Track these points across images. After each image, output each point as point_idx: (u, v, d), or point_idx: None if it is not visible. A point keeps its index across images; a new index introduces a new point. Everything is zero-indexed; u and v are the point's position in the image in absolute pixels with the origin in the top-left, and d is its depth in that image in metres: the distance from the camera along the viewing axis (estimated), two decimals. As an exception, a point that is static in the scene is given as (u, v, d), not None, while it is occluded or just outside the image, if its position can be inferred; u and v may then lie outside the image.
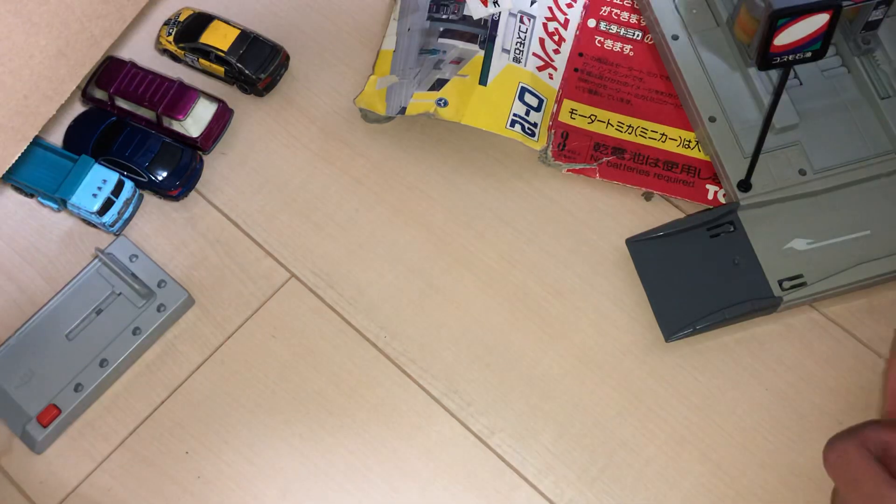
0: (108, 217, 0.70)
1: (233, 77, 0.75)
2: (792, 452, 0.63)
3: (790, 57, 0.56)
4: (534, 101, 0.72)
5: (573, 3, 0.76)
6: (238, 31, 0.75)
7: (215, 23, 0.76)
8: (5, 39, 0.59)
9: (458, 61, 0.72)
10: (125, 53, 0.77)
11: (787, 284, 0.64)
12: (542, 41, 0.74)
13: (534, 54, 0.73)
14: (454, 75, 0.71)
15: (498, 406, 0.65)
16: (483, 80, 0.71)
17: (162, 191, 0.71)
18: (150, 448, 0.65)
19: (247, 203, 0.72)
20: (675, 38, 0.72)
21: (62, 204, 0.71)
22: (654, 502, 0.62)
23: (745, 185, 0.66)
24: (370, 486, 0.63)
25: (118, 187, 0.70)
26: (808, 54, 0.56)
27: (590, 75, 0.74)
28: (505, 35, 0.73)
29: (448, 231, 0.70)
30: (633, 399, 0.65)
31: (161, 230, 0.72)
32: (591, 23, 0.76)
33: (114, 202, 0.70)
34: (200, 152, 0.74)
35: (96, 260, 0.69)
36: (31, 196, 0.73)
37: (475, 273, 0.69)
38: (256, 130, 0.75)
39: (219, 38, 0.75)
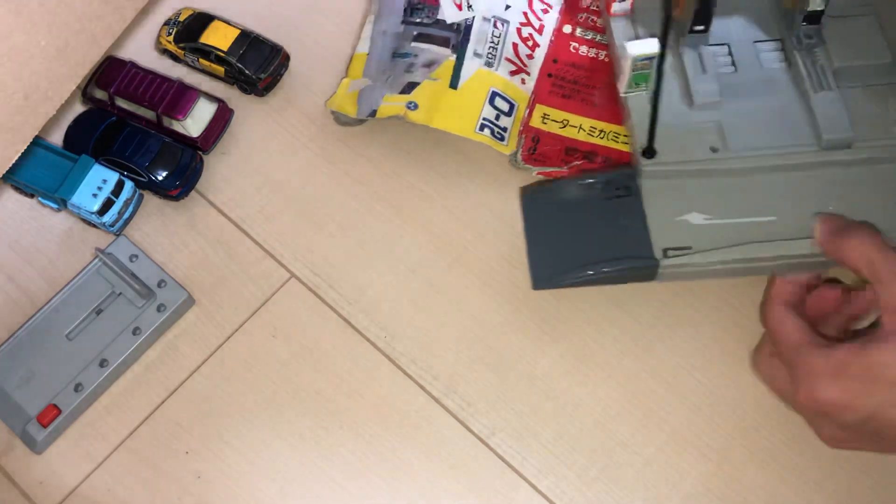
0: (109, 217, 0.70)
1: (233, 77, 0.75)
2: (792, 452, 0.63)
3: None
4: (504, 106, 0.71)
5: (549, 9, 0.75)
6: (238, 31, 0.75)
7: (215, 23, 0.76)
8: (5, 39, 0.59)
9: (430, 65, 0.72)
10: (125, 53, 0.77)
11: (671, 253, 0.62)
12: (515, 46, 0.73)
13: (506, 59, 0.73)
14: (425, 79, 0.71)
15: (498, 406, 0.65)
16: (454, 84, 0.71)
17: (162, 191, 0.71)
18: (150, 448, 0.65)
19: (247, 203, 0.72)
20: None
21: (62, 204, 0.71)
22: (654, 502, 0.62)
23: (648, 152, 0.65)
24: (370, 486, 0.63)
25: (118, 187, 0.70)
26: None
27: (564, 80, 0.73)
28: (478, 39, 0.72)
29: (448, 231, 0.70)
30: (633, 399, 0.65)
31: (161, 230, 0.72)
32: (567, 28, 0.75)
33: (114, 202, 0.70)
34: (200, 152, 0.74)
35: (96, 260, 0.69)
36: (31, 196, 0.73)
37: (475, 273, 0.69)
38: (256, 130, 0.75)
39: (219, 38, 0.75)
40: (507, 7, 0.74)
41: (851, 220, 0.59)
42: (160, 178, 0.71)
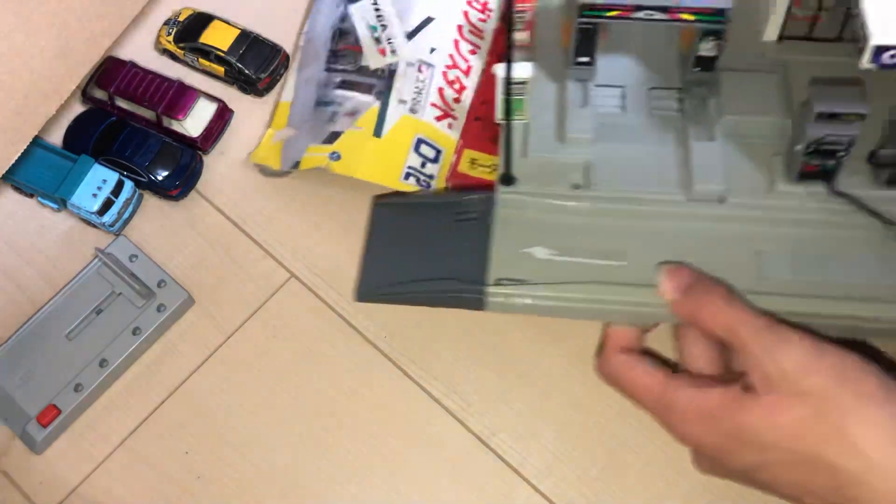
0: (108, 217, 0.70)
1: (233, 77, 0.75)
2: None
3: None
4: (430, 153, 0.70)
5: (476, 49, 0.74)
6: (238, 31, 0.75)
7: (215, 23, 0.76)
8: (5, 39, 0.59)
9: (353, 113, 0.70)
10: (125, 53, 0.77)
11: (504, 283, 0.60)
12: (441, 90, 0.72)
13: (432, 104, 0.71)
14: (348, 128, 0.69)
15: (498, 406, 0.65)
16: (378, 132, 0.69)
17: (162, 191, 0.71)
18: (150, 448, 0.65)
19: (247, 203, 0.72)
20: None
21: (62, 204, 0.71)
22: (653, 502, 0.62)
23: (506, 179, 0.63)
24: (370, 486, 0.63)
25: (118, 187, 0.70)
26: None
27: (493, 123, 0.69)
28: (402, 85, 0.71)
29: (448, 231, 0.70)
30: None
31: (161, 230, 0.72)
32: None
33: (114, 202, 0.70)
34: (200, 152, 0.74)
35: (96, 260, 0.69)
36: (31, 196, 0.73)
37: (475, 273, 0.69)
38: (256, 130, 0.75)
39: (219, 38, 0.75)
40: (433, 50, 0.73)
41: (700, 276, 0.56)
42: (160, 178, 0.71)
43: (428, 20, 0.74)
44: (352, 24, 0.73)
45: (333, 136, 0.69)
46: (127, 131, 0.73)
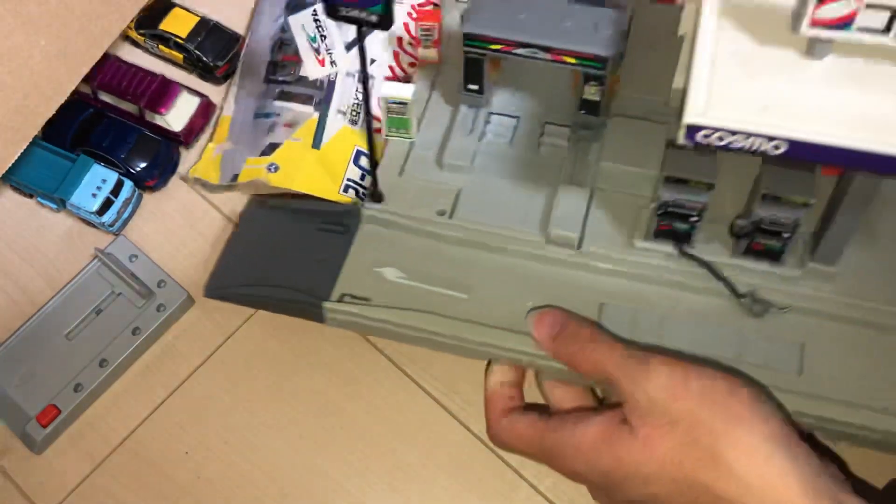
0: (108, 217, 0.70)
1: (191, 64, 0.76)
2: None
3: (355, 13, 0.50)
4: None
5: (416, 62, 0.72)
6: (198, 19, 0.76)
7: (175, 10, 0.76)
8: (5, 39, 0.59)
9: (293, 124, 0.69)
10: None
11: (348, 300, 0.60)
12: (380, 102, 0.69)
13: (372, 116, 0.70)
14: (287, 139, 0.69)
15: (498, 406, 0.65)
16: (316, 144, 0.68)
17: (139, 181, 0.72)
18: (150, 448, 0.65)
19: (246, 202, 0.72)
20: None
21: (61, 204, 0.71)
22: (653, 502, 0.63)
23: (374, 196, 0.63)
24: (370, 486, 0.63)
25: (118, 187, 0.70)
26: (374, 18, 0.50)
27: None
28: (342, 96, 0.70)
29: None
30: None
31: (161, 230, 0.72)
32: None
33: (113, 202, 0.70)
34: (182, 146, 0.74)
35: (96, 260, 0.69)
36: (31, 196, 0.72)
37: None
38: (256, 130, 0.75)
39: (178, 25, 0.75)
40: (373, 61, 0.72)
41: (567, 318, 0.56)
42: (137, 169, 0.71)
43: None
44: (291, 35, 0.73)
45: (272, 148, 0.68)
46: (104, 123, 0.73)
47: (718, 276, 0.58)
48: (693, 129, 0.46)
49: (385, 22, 0.51)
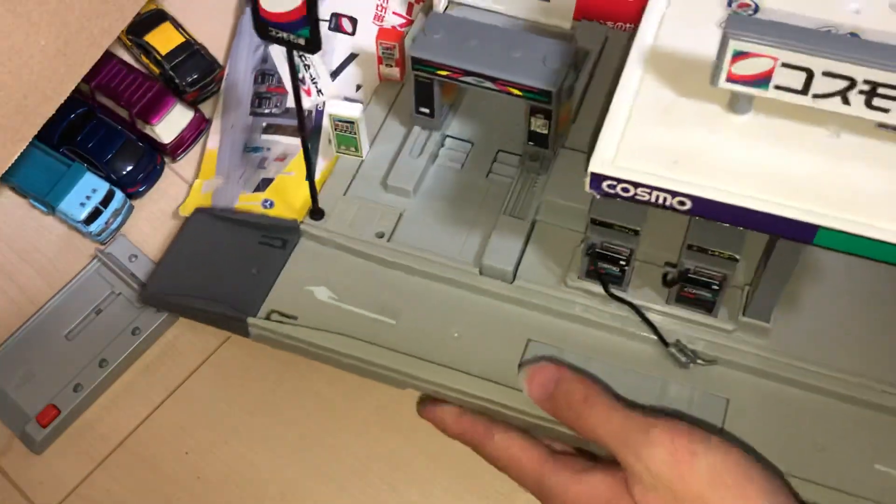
0: (95, 226, 0.69)
1: (165, 81, 0.75)
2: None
3: (284, 35, 0.51)
4: None
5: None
6: (183, 40, 0.75)
7: (166, 24, 0.75)
8: (5, 39, 0.59)
9: (283, 157, 0.69)
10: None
11: (275, 317, 0.60)
12: None
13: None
14: (279, 173, 0.68)
15: (498, 406, 0.65)
16: (309, 176, 0.66)
17: (120, 188, 0.71)
18: (150, 448, 0.65)
19: (246, 203, 0.72)
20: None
21: (51, 209, 0.70)
22: (654, 502, 0.62)
23: (315, 214, 0.63)
24: (370, 486, 0.63)
25: (108, 197, 0.69)
26: (301, 41, 0.51)
27: None
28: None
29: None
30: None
31: (160, 230, 0.71)
32: None
33: (102, 212, 0.69)
34: (169, 159, 0.73)
35: (96, 260, 0.69)
36: (26, 197, 0.72)
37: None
38: (256, 130, 0.75)
39: (162, 40, 0.75)
40: (359, 87, 0.71)
41: (561, 374, 0.53)
42: (119, 174, 0.71)
43: (352, 57, 0.73)
44: (273, 65, 0.71)
45: (265, 183, 0.67)
46: (93, 124, 0.72)
47: (646, 321, 0.57)
48: (598, 179, 0.45)
49: (312, 45, 0.51)
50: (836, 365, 0.56)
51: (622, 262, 0.56)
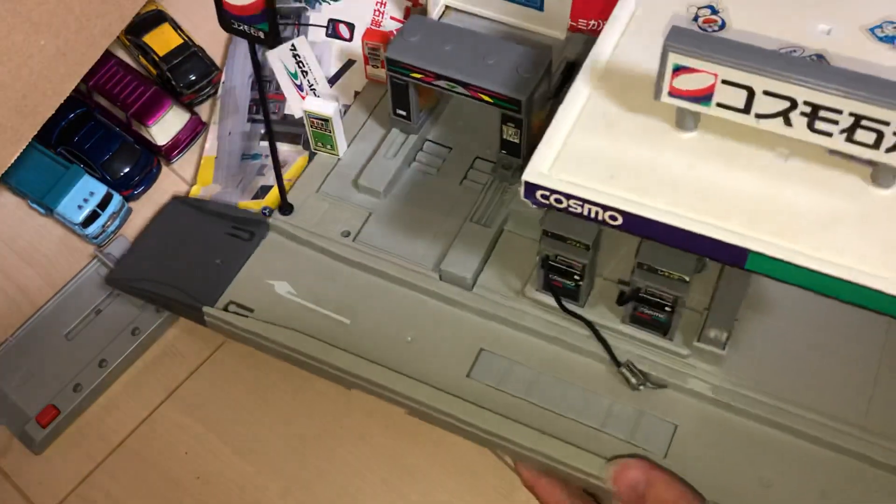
0: (92, 229, 0.69)
1: (162, 82, 0.75)
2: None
3: (245, 28, 0.52)
4: None
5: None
6: (181, 41, 0.74)
7: (165, 25, 0.75)
8: (4, 39, 0.59)
9: (282, 165, 0.68)
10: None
11: (232, 308, 0.60)
12: None
13: None
14: None
15: (498, 406, 0.65)
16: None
17: (115, 190, 0.71)
18: (150, 448, 0.65)
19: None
20: None
21: (48, 211, 0.70)
22: (654, 502, 0.62)
23: (284, 209, 0.63)
24: (370, 486, 0.63)
25: (105, 200, 0.69)
26: (261, 34, 0.52)
27: None
28: None
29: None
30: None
31: (160, 230, 0.71)
32: None
33: (99, 215, 0.69)
34: (164, 161, 0.73)
35: (95, 260, 0.69)
36: (24, 198, 0.72)
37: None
38: (256, 130, 0.74)
39: (160, 41, 0.74)
40: (357, 94, 0.71)
41: (651, 476, 0.52)
42: (115, 177, 0.71)
43: (350, 63, 0.73)
44: (271, 72, 0.70)
45: (264, 191, 0.67)
46: (90, 125, 0.72)
47: (599, 339, 0.56)
48: (532, 188, 0.44)
49: (270, 39, 0.52)
50: (789, 398, 0.54)
51: (576, 277, 0.55)
